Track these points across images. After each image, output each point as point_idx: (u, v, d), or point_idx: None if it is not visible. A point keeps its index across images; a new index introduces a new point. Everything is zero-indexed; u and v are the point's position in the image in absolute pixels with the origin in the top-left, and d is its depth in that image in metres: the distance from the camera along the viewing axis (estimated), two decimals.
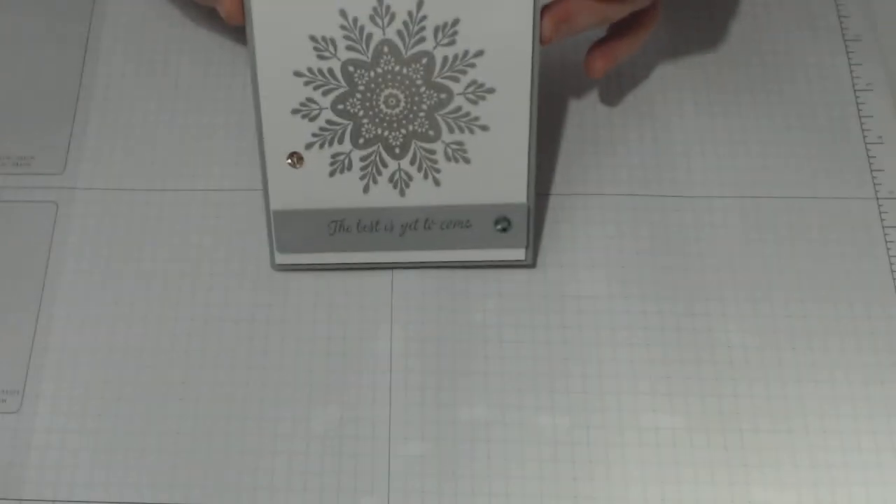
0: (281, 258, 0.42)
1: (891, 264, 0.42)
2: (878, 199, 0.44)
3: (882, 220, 0.43)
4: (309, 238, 0.41)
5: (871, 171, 0.44)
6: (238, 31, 0.48)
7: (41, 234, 0.43)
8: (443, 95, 0.38)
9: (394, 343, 0.41)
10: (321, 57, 0.38)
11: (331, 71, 0.38)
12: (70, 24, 0.48)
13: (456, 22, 0.37)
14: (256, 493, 0.38)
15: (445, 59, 0.37)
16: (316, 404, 0.40)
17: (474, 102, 0.38)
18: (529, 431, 0.39)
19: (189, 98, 0.46)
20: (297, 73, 0.38)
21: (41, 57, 0.47)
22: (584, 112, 0.45)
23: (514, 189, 0.40)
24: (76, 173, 0.45)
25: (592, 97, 0.46)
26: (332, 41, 0.37)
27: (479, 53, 0.37)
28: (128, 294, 0.42)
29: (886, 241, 0.43)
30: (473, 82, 0.38)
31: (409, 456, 0.39)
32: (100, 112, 0.46)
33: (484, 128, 0.39)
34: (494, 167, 0.40)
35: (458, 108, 0.38)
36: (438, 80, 0.38)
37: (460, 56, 0.37)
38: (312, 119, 0.39)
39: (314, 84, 0.38)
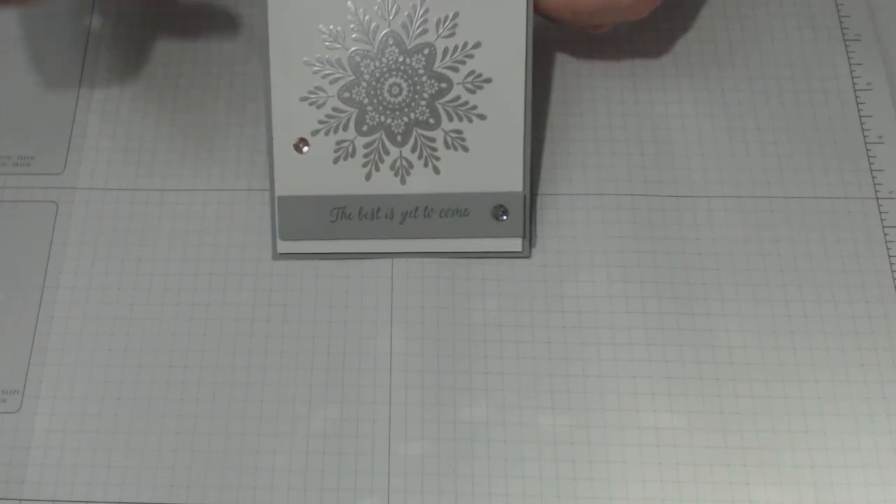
0: (283, 246, 0.42)
1: (891, 264, 0.42)
2: (878, 199, 0.44)
3: (882, 220, 0.43)
4: (311, 225, 0.41)
5: (871, 171, 0.44)
6: (238, 31, 0.48)
7: (41, 234, 0.43)
8: (443, 85, 0.40)
9: (394, 343, 0.41)
10: (330, 47, 0.40)
11: (339, 60, 0.40)
12: (70, 24, 0.48)
13: (456, 15, 0.40)
14: (256, 493, 0.38)
15: (446, 49, 0.40)
16: (316, 404, 0.40)
17: (472, 92, 0.40)
18: (529, 431, 0.39)
19: (189, 98, 0.46)
20: (307, 63, 0.40)
21: (41, 57, 0.47)
22: (584, 112, 0.45)
23: (511, 178, 0.41)
24: (76, 173, 0.45)
25: (593, 97, 0.46)
26: (341, 33, 0.40)
27: (478, 45, 0.40)
28: (128, 294, 0.42)
29: (886, 241, 0.43)
30: (472, 72, 0.40)
31: (409, 456, 0.39)
32: (100, 112, 0.46)
33: (481, 116, 0.40)
34: (492, 156, 0.41)
35: (458, 97, 0.40)
36: (439, 69, 0.40)
37: (460, 47, 0.40)
38: (319, 106, 0.41)
39: (322, 73, 0.40)
